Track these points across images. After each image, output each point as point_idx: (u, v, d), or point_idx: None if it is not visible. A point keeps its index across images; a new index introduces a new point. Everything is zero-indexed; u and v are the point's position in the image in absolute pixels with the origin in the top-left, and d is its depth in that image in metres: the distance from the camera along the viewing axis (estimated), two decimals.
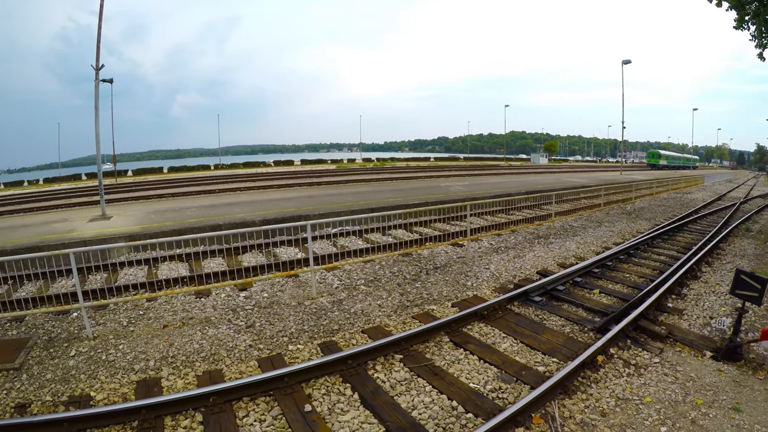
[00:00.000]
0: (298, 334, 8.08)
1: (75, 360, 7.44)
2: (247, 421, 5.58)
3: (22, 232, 17.67)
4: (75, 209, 25.43)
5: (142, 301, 9.74)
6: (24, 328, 8.98)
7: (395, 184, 31.44)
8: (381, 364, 6.76)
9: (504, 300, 8.87)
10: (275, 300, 9.74)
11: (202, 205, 22.00)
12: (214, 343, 7.77)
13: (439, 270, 11.43)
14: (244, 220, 16.29)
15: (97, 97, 19.17)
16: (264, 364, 6.99)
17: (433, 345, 7.33)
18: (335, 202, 20.56)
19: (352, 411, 5.68)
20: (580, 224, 17.70)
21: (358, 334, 7.94)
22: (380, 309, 9.07)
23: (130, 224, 16.96)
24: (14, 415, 6.07)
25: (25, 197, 38.24)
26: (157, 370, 7.00)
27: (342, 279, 10.90)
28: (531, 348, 7.23)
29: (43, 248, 13.89)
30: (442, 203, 19.21)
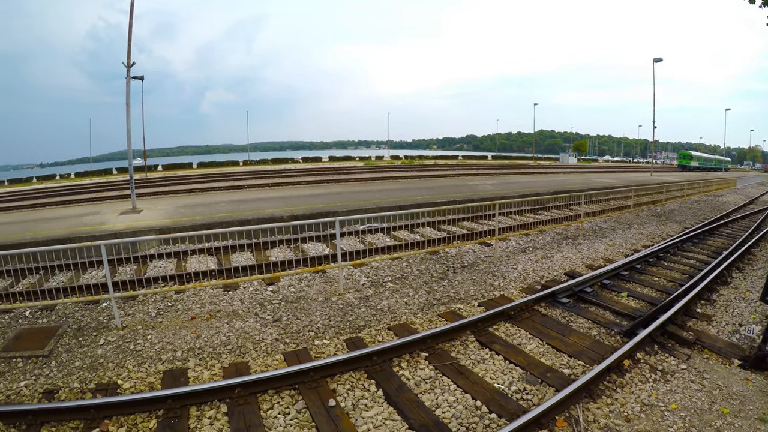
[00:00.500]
0: (325, 329, 8.17)
1: (103, 349, 7.67)
2: (272, 413, 5.66)
3: (55, 224, 18.22)
4: (106, 203, 26.11)
5: (171, 293, 9.97)
6: (54, 316, 9.29)
7: (423, 182, 31.42)
8: (406, 362, 6.78)
9: (531, 301, 8.81)
10: (302, 295, 9.85)
11: (231, 200, 22.34)
12: (241, 335, 7.91)
13: (466, 269, 11.40)
14: (272, 216, 16.48)
15: (128, 94, 19.68)
16: (290, 357, 7.08)
17: (459, 344, 7.32)
18: (363, 199, 20.64)
19: (375, 407, 5.72)
20: (609, 226, 17.46)
21: (384, 331, 7.97)
22: (407, 306, 9.09)
23: (160, 218, 17.36)
24: (42, 400, 6.27)
25: (57, 190, 39.41)
26: (184, 361, 7.15)
27: (369, 276, 10.95)
28: (557, 350, 7.17)
29: (74, 240, 14.34)
30: (470, 202, 19.13)
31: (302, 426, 5.41)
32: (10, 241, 15.03)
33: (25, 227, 18.38)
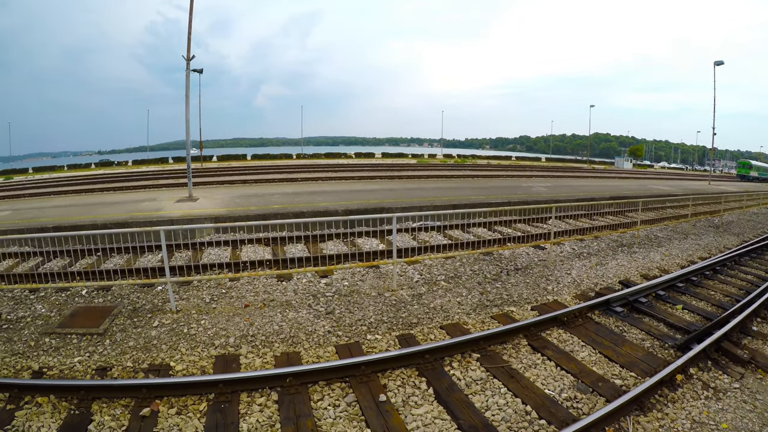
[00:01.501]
0: (377, 324, 8.24)
1: (157, 330, 7.98)
2: (322, 404, 5.75)
3: (113, 209, 19.07)
4: (162, 190, 27.07)
5: (225, 281, 10.25)
6: (110, 297, 9.72)
7: (476, 182, 31.21)
8: (458, 362, 6.78)
9: (585, 308, 8.68)
10: (355, 289, 9.95)
11: (286, 192, 22.78)
12: (294, 326, 8.06)
13: (519, 272, 11.31)
14: (326, 209, 16.73)
15: (187, 86, 20.55)
16: (341, 350, 7.18)
17: (511, 347, 7.27)
18: (417, 197, 20.70)
19: (426, 405, 5.74)
20: (665, 235, 16.92)
21: (436, 330, 7.99)
22: (459, 306, 9.09)
23: (215, 207, 17.89)
24: (94, 376, 6.59)
25: (115, 177, 41.17)
26: (236, 347, 7.35)
27: (422, 273, 10.98)
28: (609, 359, 7.03)
29: (132, 224, 14.99)
30: (525, 204, 18.94)
31: (351, 419, 5.48)
32: (69, 223, 15.87)
33: (83, 210, 19.35)
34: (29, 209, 21.43)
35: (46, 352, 7.47)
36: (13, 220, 17.90)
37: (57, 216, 18.07)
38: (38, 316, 9.00)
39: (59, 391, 6.01)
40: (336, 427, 5.33)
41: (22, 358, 7.32)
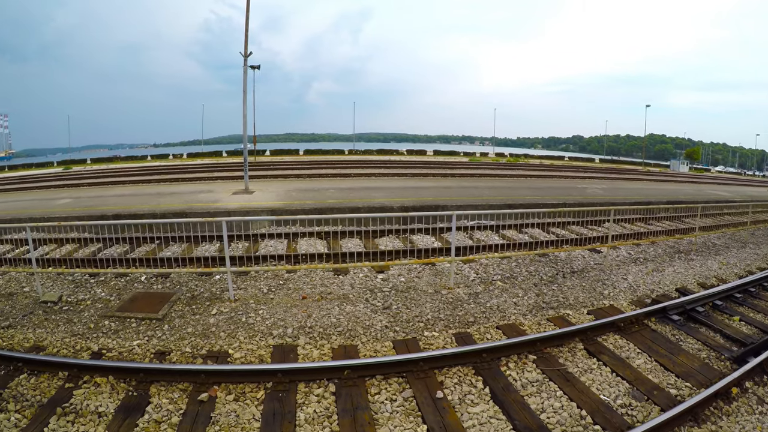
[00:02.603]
0: (434, 321, 8.20)
1: (216, 318, 8.16)
2: (379, 398, 5.75)
3: (170, 199, 19.65)
4: (218, 182, 27.75)
5: (283, 272, 10.40)
6: (168, 284, 10.04)
7: (530, 182, 30.66)
8: (514, 362, 6.70)
9: (641, 314, 8.43)
10: (412, 285, 9.92)
11: (340, 187, 22.95)
12: (351, 319, 8.09)
13: (576, 275, 11.10)
14: (382, 205, 16.75)
15: (245, 82, 21.21)
16: (399, 346, 7.15)
17: (567, 350, 7.14)
18: (471, 195, 20.51)
19: (482, 404, 5.68)
20: (723, 242, 16.18)
21: (492, 329, 7.91)
22: (515, 307, 8.98)
23: (271, 200, 18.19)
24: (153, 360, 6.77)
25: (170, 169, 42.41)
26: (294, 338, 7.42)
27: (478, 272, 10.89)
28: (664, 368, 6.81)
29: (189, 214, 15.39)
30: (580, 206, 18.52)
31: (408, 414, 5.46)
32: (128, 212, 16.43)
33: (142, 200, 20.02)
34: (89, 198, 22.34)
35: (106, 334, 7.75)
36: (73, 208, 18.68)
37: (116, 205, 18.77)
38: (98, 299, 9.36)
39: (118, 373, 6.23)
40: (392, 422, 5.32)
41: (82, 339, 7.63)
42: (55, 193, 26.04)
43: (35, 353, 6.96)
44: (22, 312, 8.89)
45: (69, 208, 18.97)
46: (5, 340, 7.75)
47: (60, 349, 7.26)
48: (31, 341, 7.61)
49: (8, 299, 9.67)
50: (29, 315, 8.72)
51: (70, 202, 20.96)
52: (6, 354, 6.84)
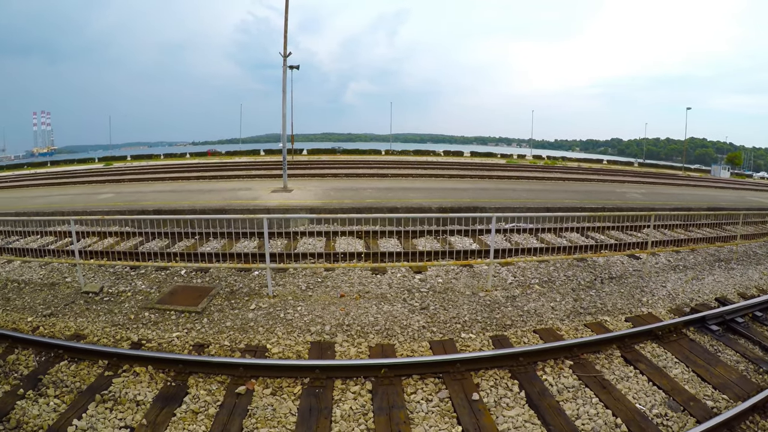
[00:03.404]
0: (471, 323, 8.15)
1: (254, 313, 8.28)
2: (415, 398, 5.74)
3: (210, 196, 19.98)
4: (256, 180, 28.08)
5: (321, 270, 10.47)
6: (208, 278, 10.22)
7: (567, 185, 30.14)
8: (551, 367, 6.61)
9: (680, 323, 8.22)
10: (449, 287, 9.89)
11: (378, 187, 23.00)
12: (389, 318, 8.09)
13: (614, 280, 10.90)
14: (420, 206, 16.72)
15: (284, 82, 21.45)
16: (435, 346, 7.14)
17: (604, 357, 7.02)
18: (508, 198, 20.31)
19: (517, 408, 5.62)
20: (764, 252, 15.59)
21: (529, 333, 7.83)
22: (553, 312, 8.87)
23: (310, 198, 18.34)
24: (192, 352, 6.92)
25: (209, 166, 43.17)
26: (332, 335, 7.46)
27: (516, 276, 10.80)
28: (702, 379, 6.63)
29: (229, 211, 15.64)
30: (619, 210, 18.14)
31: (443, 414, 5.45)
32: (169, 207, 16.79)
33: (181, 196, 20.43)
34: (130, 193, 22.93)
35: (145, 325, 7.98)
36: (115, 203, 19.17)
37: (156, 200, 19.22)
38: (138, 291, 9.61)
39: (157, 363, 6.39)
40: (428, 421, 5.32)
41: (122, 329, 7.86)
42: (97, 188, 26.78)
43: (76, 341, 7.17)
44: (63, 301, 9.20)
45: (111, 202, 19.47)
46: (47, 327, 8.02)
47: (100, 338, 7.49)
48: (72, 330, 7.88)
49: (51, 289, 10.01)
50: (71, 304, 9.02)
51: (111, 197, 21.52)
52: (47, 341, 7.10)
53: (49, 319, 8.42)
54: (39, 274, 11.13)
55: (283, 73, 21.26)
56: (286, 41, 20.78)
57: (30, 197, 24.79)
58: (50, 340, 7.12)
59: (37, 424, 5.35)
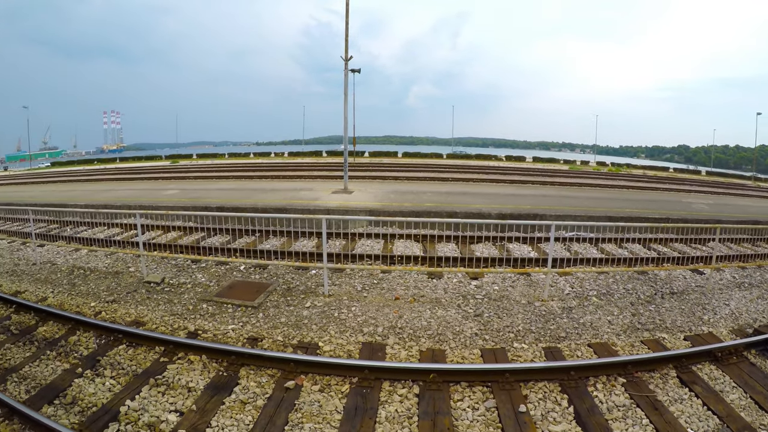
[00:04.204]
0: (525, 333, 8.01)
1: (309, 311, 8.44)
2: (461, 405, 5.69)
3: (272, 195, 20.44)
4: (317, 181, 28.56)
5: (377, 272, 10.58)
6: (266, 275, 10.52)
7: (631, 194, 29.06)
8: (602, 384, 6.39)
9: (741, 345, 7.76)
10: (505, 295, 9.77)
11: (438, 191, 22.99)
12: (442, 323, 8.06)
13: (675, 296, 10.46)
14: (480, 211, 16.60)
15: (346, 85, 21.76)
16: (486, 354, 7.05)
17: (659, 376, 6.72)
18: (570, 205, 19.84)
19: (564, 424, 5.48)
20: None
21: (583, 347, 7.59)
22: (609, 326, 8.59)
23: (370, 200, 18.51)
24: (245, 345, 7.14)
25: (272, 166, 44.20)
26: (383, 337, 7.50)
27: (574, 286, 10.54)
28: (759, 407, 6.21)
29: (290, 210, 15.97)
30: (684, 222, 17.35)
31: (488, 424, 5.37)
32: (231, 205, 17.30)
33: (244, 194, 21.00)
34: (194, 190, 23.73)
35: (203, 316, 8.31)
36: (180, 198, 19.90)
37: (219, 198, 19.82)
38: (198, 284, 10.01)
39: (211, 353, 6.66)
40: (472, 430, 5.27)
41: (180, 318, 8.25)
42: (164, 185, 27.85)
43: (135, 327, 7.60)
44: (126, 289, 9.68)
45: (175, 198, 20.22)
46: (108, 313, 8.55)
47: (158, 326, 7.88)
48: (133, 316, 8.34)
49: (115, 277, 10.55)
50: (133, 293, 9.49)
51: (176, 193, 22.33)
52: (108, 325, 7.56)
53: (111, 305, 8.94)
54: (104, 263, 11.77)
55: (345, 76, 21.59)
56: (347, 45, 21.14)
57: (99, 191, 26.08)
58: (111, 325, 7.58)
59: (92, 402, 5.73)
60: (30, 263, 12.54)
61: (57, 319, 8.29)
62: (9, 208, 20.65)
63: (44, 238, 15.14)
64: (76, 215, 16.12)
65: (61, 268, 11.83)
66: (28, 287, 10.48)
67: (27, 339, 7.71)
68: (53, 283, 10.74)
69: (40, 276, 11.31)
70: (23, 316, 8.67)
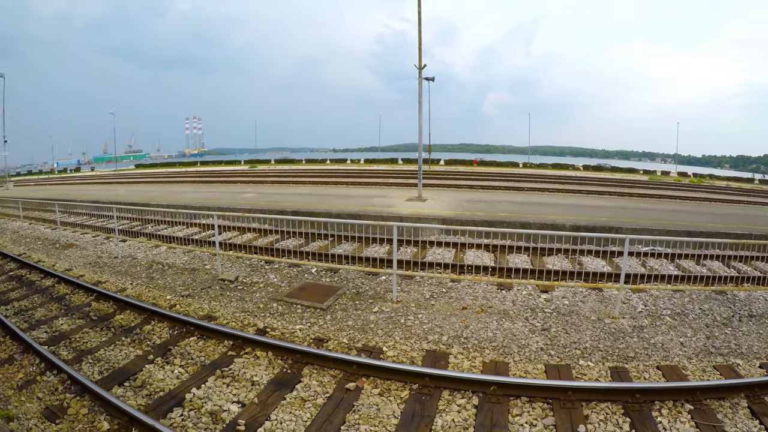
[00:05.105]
0: (592, 350, 7.77)
1: (376, 316, 8.59)
2: (519, 420, 5.59)
3: (346, 201, 20.82)
4: (392, 188, 28.81)
5: (447, 280, 10.59)
6: (336, 278, 10.78)
7: (713, 207, 27.32)
8: (668, 409, 6.05)
9: None
10: (575, 310, 9.53)
11: (512, 201, 22.71)
12: (508, 336, 7.97)
13: (754, 319, 9.79)
14: (554, 223, 16.27)
15: (420, 93, 21.97)
16: (550, 370, 6.90)
17: (728, 406, 6.30)
18: (647, 218, 19.05)
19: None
20: None
21: (652, 369, 7.24)
22: (681, 348, 8.16)
23: (443, 208, 18.57)
24: (311, 344, 7.36)
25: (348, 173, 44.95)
26: (448, 346, 7.50)
27: (647, 304, 10.11)
28: None
29: (363, 216, 16.23)
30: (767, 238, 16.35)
31: None
32: (306, 209, 17.77)
33: (319, 200, 21.52)
34: (270, 194, 24.50)
35: (272, 315, 8.67)
36: (256, 202, 20.62)
37: (295, 202, 20.43)
38: (270, 284, 10.43)
39: (277, 350, 6.96)
40: None
41: (250, 315, 8.64)
42: (242, 188, 28.88)
43: (207, 321, 8.05)
44: (201, 286, 10.22)
45: (252, 201, 20.96)
46: (183, 306, 9.13)
47: (229, 321, 8.30)
48: (205, 311, 8.83)
49: (191, 273, 11.16)
50: (207, 289, 10.00)
51: (254, 197, 23.11)
52: (181, 318, 8.11)
53: (185, 299, 9.49)
54: (182, 260, 12.44)
55: (419, 85, 21.81)
56: (420, 54, 21.36)
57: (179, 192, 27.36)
58: (184, 317, 8.11)
59: (160, 387, 6.13)
60: (112, 256, 13.41)
61: (134, 308, 8.99)
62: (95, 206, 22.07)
63: (126, 234, 16.13)
64: (157, 214, 17.06)
65: (141, 262, 12.60)
66: (108, 278, 11.33)
67: (104, 325, 8.40)
68: (132, 275, 11.50)
69: (121, 269, 12.12)
70: (102, 304, 9.48)
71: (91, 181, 51.43)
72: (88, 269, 12.38)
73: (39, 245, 16.43)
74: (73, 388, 6.22)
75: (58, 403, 5.94)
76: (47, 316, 9.12)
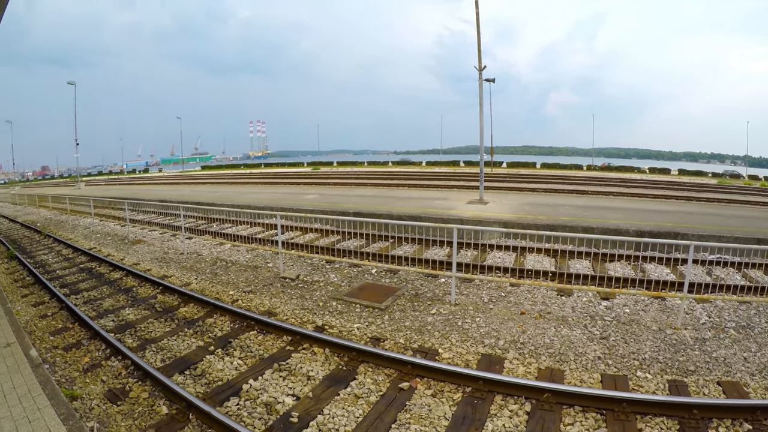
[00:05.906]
0: (651, 362, 7.52)
1: (433, 317, 8.63)
2: (570, 430, 5.48)
3: (407, 203, 20.94)
4: (453, 191, 28.81)
5: (506, 284, 10.54)
6: (396, 279, 10.92)
7: None
8: (725, 428, 5.75)
9: None
10: (635, 319, 9.26)
11: (575, 204, 22.26)
12: (565, 343, 7.85)
13: None
14: (617, 228, 15.87)
15: (481, 95, 21.94)
16: (606, 380, 6.74)
17: None
18: (716, 224, 18.18)
19: None
20: None
21: (712, 384, 6.92)
22: (744, 363, 7.75)
23: (504, 212, 18.43)
24: (368, 343, 7.51)
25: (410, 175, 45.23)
26: (504, 351, 7.47)
27: (711, 315, 9.67)
28: None
29: (424, 219, 16.33)
30: None
31: None
32: (368, 211, 17.97)
33: (380, 201, 21.73)
34: (332, 195, 24.92)
35: (331, 313, 8.90)
36: (319, 203, 21.03)
37: (356, 204, 20.72)
38: (330, 283, 10.69)
39: (334, 347, 7.17)
40: None
41: (309, 313, 8.90)
42: (304, 189, 29.46)
43: (267, 316, 8.38)
44: (263, 282, 10.61)
45: (315, 202, 21.38)
46: (244, 302, 9.55)
47: (289, 317, 8.60)
48: (266, 307, 9.18)
49: (254, 270, 11.58)
50: (268, 286, 10.37)
51: (316, 198, 23.56)
52: (243, 312, 8.50)
53: (247, 295, 9.90)
54: (245, 257, 12.89)
55: (479, 86, 21.77)
56: (480, 55, 21.35)
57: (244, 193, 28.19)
58: (245, 312, 8.48)
59: (218, 377, 6.47)
60: (178, 253, 14.03)
61: (197, 302, 9.46)
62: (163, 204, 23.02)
63: (192, 231, 16.85)
64: (222, 213, 17.70)
65: (206, 258, 13.13)
66: (174, 273, 11.92)
67: (168, 317, 8.87)
68: (197, 271, 12.02)
69: (186, 264, 12.69)
70: (167, 297, 10.04)
71: (159, 182, 53.58)
72: (155, 264, 13.03)
73: (109, 240, 17.39)
74: (136, 374, 6.65)
75: (121, 386, 6.34)
76: (114, 306, 9.75)
